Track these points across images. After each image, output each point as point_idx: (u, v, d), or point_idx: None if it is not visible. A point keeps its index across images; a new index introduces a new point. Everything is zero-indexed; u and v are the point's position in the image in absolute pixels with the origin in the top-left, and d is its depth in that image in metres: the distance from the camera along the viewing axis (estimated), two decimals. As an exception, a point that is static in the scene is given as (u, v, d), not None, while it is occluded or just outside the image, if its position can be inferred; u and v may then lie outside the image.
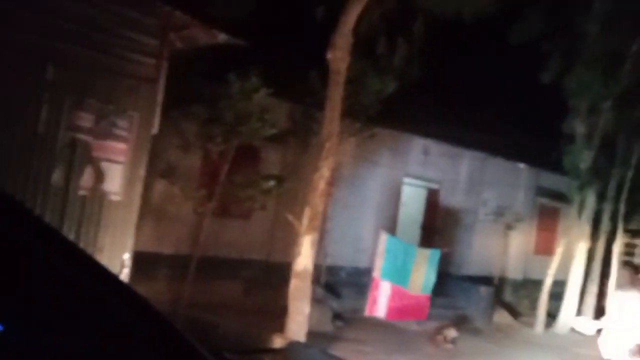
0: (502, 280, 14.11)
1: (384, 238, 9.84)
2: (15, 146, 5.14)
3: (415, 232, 13.89)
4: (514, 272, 14.75)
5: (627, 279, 5.65)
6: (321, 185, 8.10)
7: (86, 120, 5.51)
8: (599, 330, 5.79)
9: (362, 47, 9.01)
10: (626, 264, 6.24)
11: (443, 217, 14.18)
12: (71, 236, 5.60)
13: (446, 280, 12.63)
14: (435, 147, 13.68)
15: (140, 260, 9.36)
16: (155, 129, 6.00)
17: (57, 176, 5.44)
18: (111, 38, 5.51)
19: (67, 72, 5.31)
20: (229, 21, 7.63)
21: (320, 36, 7.96)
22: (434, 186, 14.08)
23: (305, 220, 7.97)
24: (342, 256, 12.42)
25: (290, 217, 8.21)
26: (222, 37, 6.12)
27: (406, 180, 13.58)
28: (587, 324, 5.56)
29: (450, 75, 12.02)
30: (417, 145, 13.58)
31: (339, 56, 7.87)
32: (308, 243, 7.99)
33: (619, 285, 5.75)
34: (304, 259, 7.97)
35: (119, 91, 5.65)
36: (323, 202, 8.41)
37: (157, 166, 9.33)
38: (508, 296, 14.08)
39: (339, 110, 8.13)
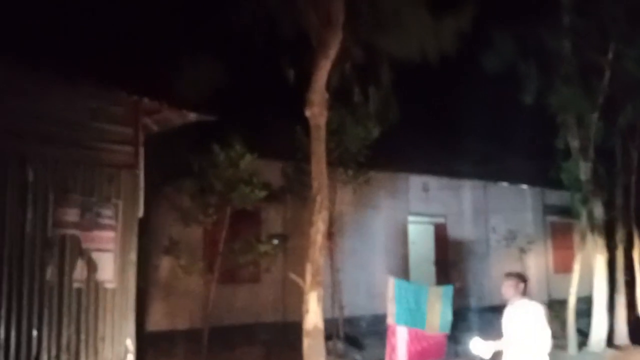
0: (526, 306, 13.76)
1: (392, 283, 9.73)
2: (5, 248, 5.30)
3: (429, 269, 13.75)
4: (536, 294, 14.42)
5: (516, 289, 5.27)
6: (319, 239, 8.12)
7: (72, 214, 5.68)
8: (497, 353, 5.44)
9: (339, 98, 9.26)
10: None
11: (454, 250, 14.04)
12: (71, 329, 5.67)
13: (468, 314, 12.38)
14: (435, 182, 13.72)
15: (156, 340, 9.40)
16: (141, 213, 6.14)
17: (50, 272, 5.57)
18: (85, 132, 5.74)
19: (47, 171, 5.53)
20: (204, 94, 7.92)
21: (299, 92, 8.19)
22: (440, 220, 14.02)
23: (308, 277, 7.96)
24: (359, 305, 12.28)
25: (293, 276, 8.21)
26: (192, 116, 6.34)
27: (411, 218, 13.56)
28: (482, 346, 5.13)
29: (434, 110, 12.21)
30: (416, 182, 13.63)
31: (317, 112, 8.06)
32: (314, 299, 7.94)
33: (507, 300, 5.33)
34: (313, 316, 7.90)
35: (100, 182, 5.84)
36: (323, 255, 8.41)
37: (160, 243, 9.50)
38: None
39: (325, 163, 8.25)
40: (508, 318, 5.16)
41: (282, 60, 8.20)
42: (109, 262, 5.91)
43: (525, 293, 5.15)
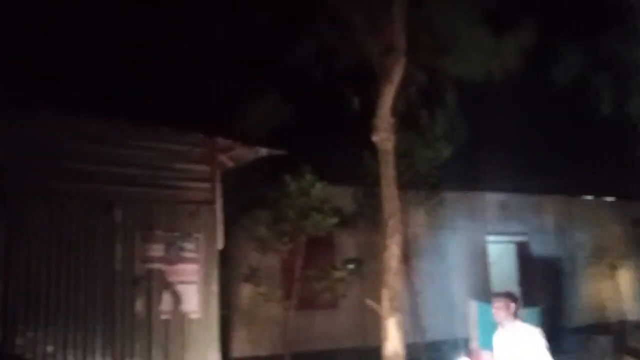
0: (621, 325, 12.91)
1: (474, 306, 9.47)
2: (98, 286, 5.75)
3: (513, 290, 13.22)
4: (632, 313, 13.50)
5: (507, 311, 4.82)
6: (394, 263, 8.12)
7: (157, 250, 6.09)
8: None
9: (406, 121, 9.30)
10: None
11: (538, 269, 13.45)
12: (160, 358, 6.03)
13: (558, 336, 11.77)
14: (513, 199, 13.28)
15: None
16: (220, 245, 6.46)
17: (139, 305, 5.96)
18: (166, 173, 6.17)
19: (132, 211, 5.98)
20: (273, 129, 8.26)
21: (364, 118, 8.34)
22: (522, 239, 13.52)
23: (385, 302, 7.96)
24: (440, 329, 12.01)
25: (369, 302, 8.24)
26: (264, 152, 6.65)
27: (490, 238, 13.17)
28: None
29: (506, 127, 11.92)
30: (493, 201, 13.27)
31: (384, 137, 8.16)
32: (393, 325, 7.91)
33: (498, 323, 4.86)
34: (393, 343, 7.86)
35: (182, 218, 6.23)
36: (400, 280, 8.39)
37: (239, 272, 9.85)
38: (632, 341, 12.80)
39: (396, 187, 8.29)
40: (502, 343, 4.83)
41: (345, 89, 8.40)
42: (193, 293, 6.25)
43: (517, 314, 4.81)
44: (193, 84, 7.69)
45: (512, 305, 4.78)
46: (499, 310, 4.78)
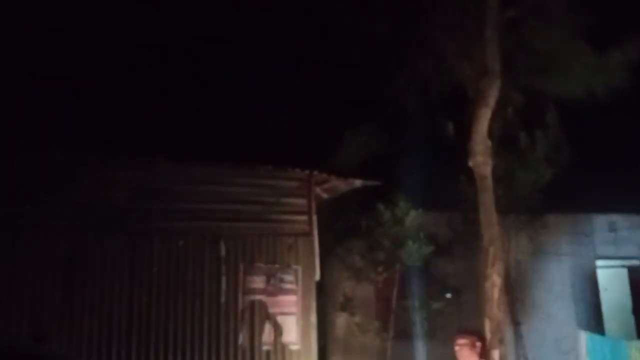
0: None
1: (584, 338, 8.88)
2: (205, 318, 6.00)
3: (627, 319, 12.22)
4: None
5: (472, 351, 4.23)
6: (496, 293, 7.82)
7: (258, 282, 6.28)
8: None
9: (504, 144, 8.99)
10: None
11: (657, 296, 12.34)
12: (263, 388, 6.15)
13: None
14: (624, 221, 12.33)
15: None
16: (317, 276, 6.54)
17: (242, 337, 6.14)
18: (267, 207, 6.37)
19: (236, 245, 6.21)
20: (367, 159, 8.29)
21: (458, 143, 8.17)
22: (635, 263, 12.49)
23: (487, 335, 7.65)
24: (547, 360, 11.32)
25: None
26: (358, 183, 6.70)
27: (599, 263, 12.29)
28: None
29: (613, 146, 11.18)
30: (601, 223, 12.39)
31: (481, 161, 7.94)
32: (496, 358, 7.60)
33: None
34: (496, 377, 7.55)
35: (281, 250, 6.39)
36: (502, 311, 8.05)
37: (335, 301, 9.88)
38: None
39: (494, 213, 8.02)
40: None
41: (438, 116, 8.30)
42: (293, 324, 6.34)
43: (483, 356, 4.37)
44: (288, 119, 7.95)
45: (479, 345, 4.39)
46: (463, 348, 4.38)
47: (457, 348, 4.43)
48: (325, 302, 9.73)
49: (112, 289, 5.78)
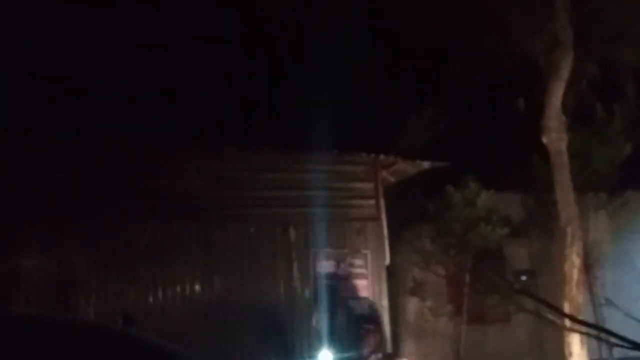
0: None
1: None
2: (278, 301, 6.16)
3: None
4: None
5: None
6: (575, 274, 7.54)
7: (329, 266, 6.32)
8: None
9: (579, 119, 8.57)
10: None
11: None
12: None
13: None
14: None
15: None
16: (387, 261, 6.52)
17: (315, 320, 6.22)
18: (334, 192, 6.41)
19: (305, 231, 6.30)
20: (434, 141, 8.14)
21: (529, 120, 7.88)
22: None
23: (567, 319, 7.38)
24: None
25: (550, 317, 7.67)
26: (426, 165, 6.59)
27: (686, 241, 11.53)
28: None
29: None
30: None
31: (555, 137, 7.62)
32: (577, 342, 7.33)
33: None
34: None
35: (350, 235, 6.41)
36: (581, 292, 7.74)
37: (405, 285, 9.82)
38: None
39: (572, 192, 7.69)
40: None
41: (507, 93, 8.01)
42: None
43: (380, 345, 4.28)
44: (353, 104, 7.93)
45: (378, 335, 4.65)
46: (371, 337, 4.59)
47: (363, 332, 4.56)
48: (396, 287, 9.69)
49: (189, 275, 6.00)
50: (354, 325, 4.96)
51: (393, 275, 9.47)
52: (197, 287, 6.02)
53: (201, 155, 6.14)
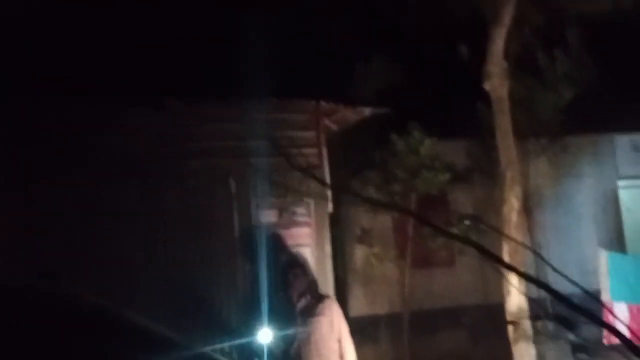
0: None
1: (604, 257, 8.85)
2: (220, 252, 6.10)
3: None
4: None
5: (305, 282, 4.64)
6: (513, 217, 7.79)
7: (271, 216, 6.28)
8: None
9: (522, 65, 8.64)
10: None
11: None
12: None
13: None
14: (646, 140, 11.99)
15: (359, 325, 9.89)
16: (330, 209, 6.52)
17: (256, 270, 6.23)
18: (275, 142, 6.28)
19: (246, 182, 6.20)
20: (377, 89, 8.06)
21: (475, 68, 7.89)
22: (660, 183, 12.23)
23: (506, 258, 7.66)
24: (568, 283, 11.36)
25: (488, 260, 7.94)
26: (368, 112, 6.53)
27: (621, 184, 12.08)
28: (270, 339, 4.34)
29: (636, 63, 10.66)
30: (624, 143, 12.08)
31: (497, 84, 7.70)
32: (515, 281, 7.63)
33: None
34: (516, 298, 7.62)
35: (292, 184, 6.35)
36: (521, 234, 8.03)
37: (353, 234, 9.97)
38: None
39: (512, 136, 7.85)
40: (304, 320, 4.71)
41: (452, 40, 7.96)
42: (308, 256, 6.40)
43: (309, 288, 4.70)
44: (299, 52, 7.71)
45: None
46: (299, 277, 4.78)
47: (293, 280, 4.80)
48: (344, 236, 9.83)
49: (130, 232, 5.85)
50: (282, 272, 5.03)
51: (341, 224, 9.57)
52: (138, 244, 5.88)
53: (140, 110, 5.86)
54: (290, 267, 5.03)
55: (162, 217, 5.99)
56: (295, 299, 4.85)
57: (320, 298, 5.02)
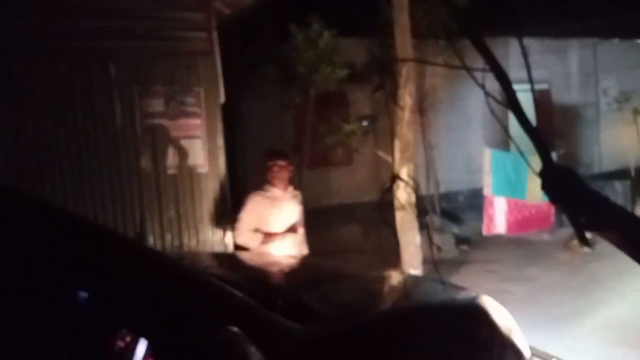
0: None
1: (488, 154, 9.37)
2: (99, 142, 5.71)
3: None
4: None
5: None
6: (406, 114, 7.90)
7: (157, 105, 5.92)
8: None
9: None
10: None
11: (559, 117, 13.12)
12: (171, 211, 6.14)
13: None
14: (537, 45, 12.52)
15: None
16: (222, 99, 6.25)
17: (145, 161, 5.94)
18: (159, 23, 5.79)
19: (127, 66, 5.71)
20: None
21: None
22: (543, 87, 13.01)
23: (397, 153, 7.86)
24: (456, 181, 12.09)
25: (380, 153, 8.15)
26: (261, -8, 6.12)
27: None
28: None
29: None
30: (515, 47, 12.51)
31: (397, -20, 7.49)
32: (405, 175, 7.89)
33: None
34: (404, 191, 7.92)
35: (180, 71, 5.96)
36: (412, 131, 8.23)
37: (252, 131, 9.79)
38: (649, 185, 12.73)
39: (409, 34, 7.79)
40: (283, 207, 4.90)
41: None
42: (199, 148, 6.18)
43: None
44: None
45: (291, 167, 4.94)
46: (283, 170, 4.85)
47: (276, 169, 4.64)
48: (242, 132, 9.63)
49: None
50: None
51: (239, 122, 9.32)
52: (3, 131, 5.33)
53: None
54: None
55: (29, 103, 5.42)
56: None
57: None
